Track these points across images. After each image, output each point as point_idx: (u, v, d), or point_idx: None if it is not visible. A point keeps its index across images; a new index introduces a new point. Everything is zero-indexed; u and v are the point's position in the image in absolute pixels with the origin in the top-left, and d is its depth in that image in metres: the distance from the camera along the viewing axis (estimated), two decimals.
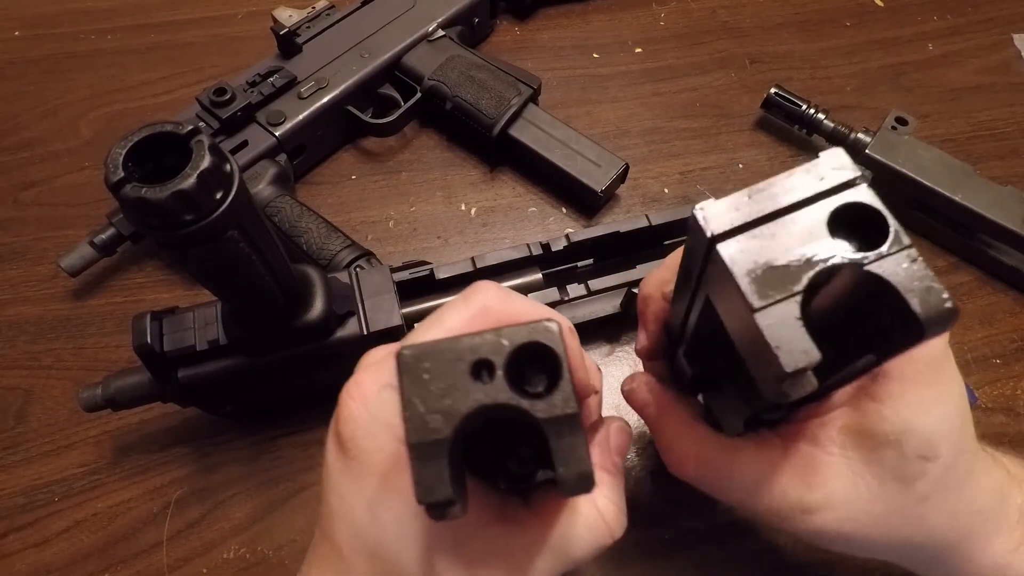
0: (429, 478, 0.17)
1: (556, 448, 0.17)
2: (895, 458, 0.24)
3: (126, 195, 0.24)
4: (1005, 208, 0.49)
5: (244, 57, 0.63)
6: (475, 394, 0.17)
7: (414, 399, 0.17)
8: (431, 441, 0.17)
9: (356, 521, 0.23)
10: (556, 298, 0.44)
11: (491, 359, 0.17)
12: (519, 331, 0.18)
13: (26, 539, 0.42)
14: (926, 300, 0.17)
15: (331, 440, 0.24)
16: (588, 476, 0.17)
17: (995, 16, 0.68)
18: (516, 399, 0.17)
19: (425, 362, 0.18)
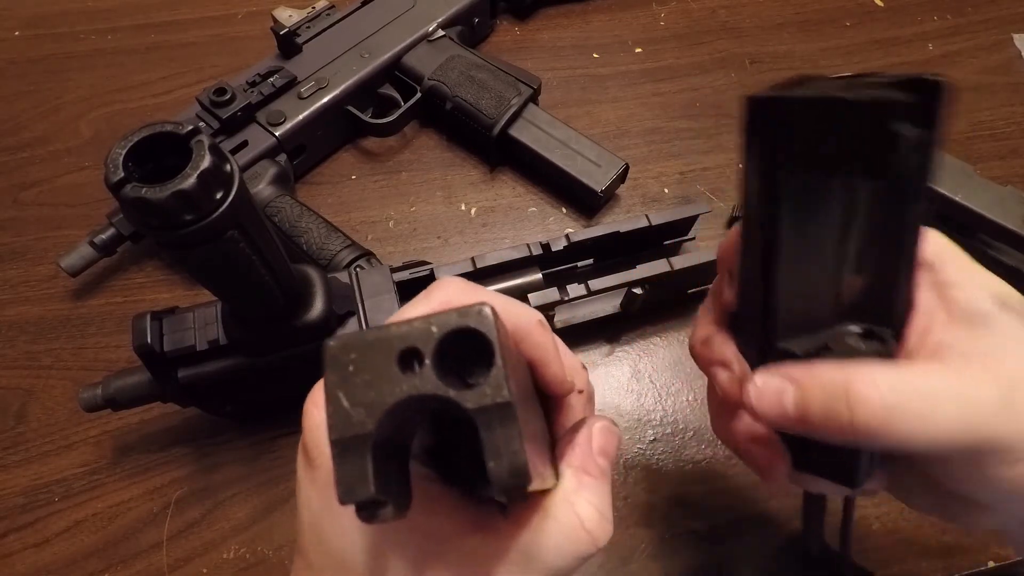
0: (350, 476, 0.16)
1: (486, 440, 0.16)
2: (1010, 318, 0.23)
3: (126, 195, 0.24)
4: (1005, 208, 0.49)
5: (244, 57, 0.63)
6: (401, 385, 0.16)
7: (338, 392, 0.16)
8: (352, 436, 0.16)
9: (322, 533, 0.23)
10: (556, 298, 0.44)
11: (419, 347, 0.16)
12: (449, 316, 0.16)
13: (26, 539, 0.42)
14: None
15: (299, 450, 0.24)
16: (521, 470, 0.16)
17: (995, 16, 0.68)
18: (443, 389, 0.16)
19: (352, 353, 0.17)
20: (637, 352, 0.49)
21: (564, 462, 0.25)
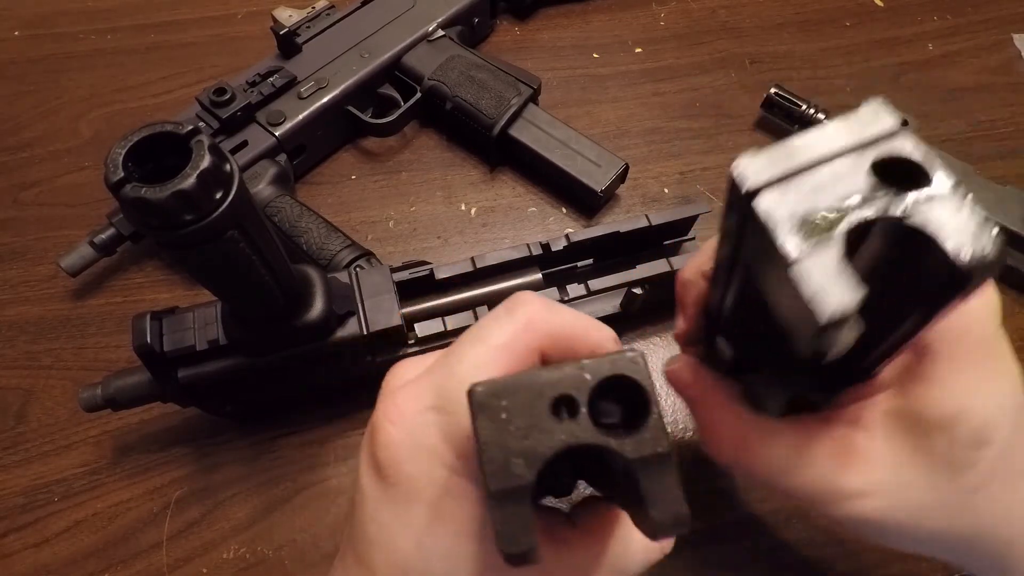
0: (513, 527, 0.16)
1: (648, 489, 0.16)
2: (945, 444, 0.22)
3: (126, 195, 0.24)
4: (1005, 208, 0.49)
5: (244, 57, 0.63)
6: (558, 434, 0.16)
7: (492, 442, 0.16)
8: (514, 488, 0.16)
9: (399, 551, 0.22)
10: (556, 298, 0.44)
11: (573, 395, 0.16)
12: (601, 364, 0.16)
13: (26, 539, 0.42)
14: (969, 245, 0.16)
15: (366, 465, 0.23)
16: (684, 517, 0.16)
17: (995, 16, 0.68)
18: (603, 439, 0.16)
19: (503, 400, 0.16)
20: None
21: None
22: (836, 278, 0.15)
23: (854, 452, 0.23)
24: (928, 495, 0.23)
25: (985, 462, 0.22)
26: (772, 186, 0.17)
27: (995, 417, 0.22)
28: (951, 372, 0.22)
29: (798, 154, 0.17)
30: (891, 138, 0.17)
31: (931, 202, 0.16)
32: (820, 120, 0.55)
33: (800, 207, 0.17)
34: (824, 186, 0.17)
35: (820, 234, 0.16)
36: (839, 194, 0.17)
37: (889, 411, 0.23)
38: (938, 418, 0.22)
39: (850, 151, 0.17)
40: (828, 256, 0.16)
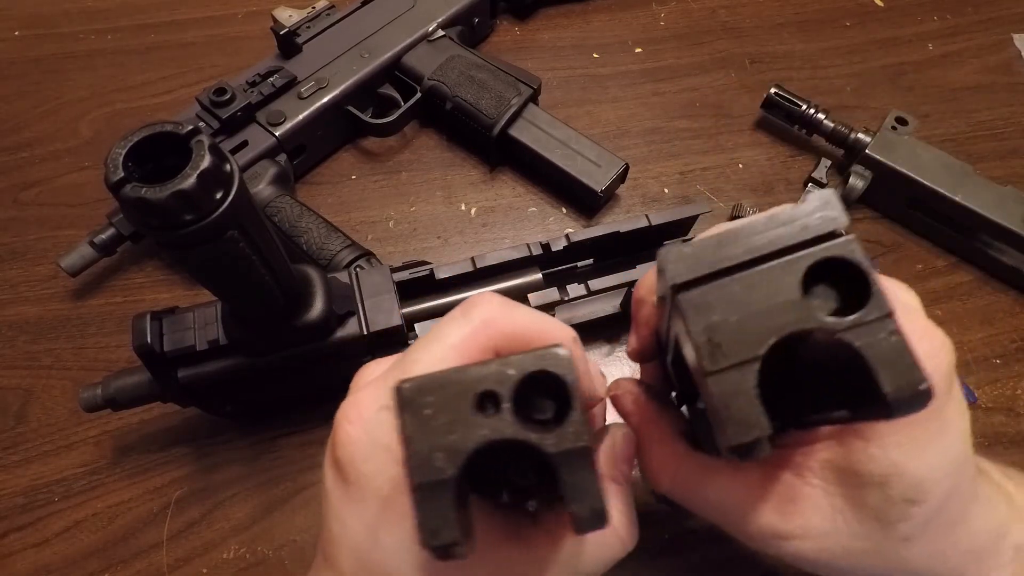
0: (434, 520, 0.16)
1: (567, 483, 0.16)
2: (878, 499, 0.23)
3: (126, 195, 0.24)
4: (1005, 208, 0.49)
5: (244, 57, 0.63)
6: (480, 429, 0.16)
7: (416, 437, 0.16)
8: (435, 481, 0.16)
9: (358, 547, 0.23)
10: (556, 298, 0.44)
11: (497, 390, 0.16)
12: (526, 359, 0.16)
13: (26, 539, 0.42)
14: (898, 379, 0.15)
15: (329, 464, 0.24)
16: (601, 513, 0.16)
17: (995, 16, 0.68)
18: (524, 433, 0.16)
19: (427, 396, 0.17)
20: None
21: None
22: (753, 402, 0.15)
23: (792, 500, 0.24)
24: (860, 542, 0.23)
25: (919, 516, 0.23)
26: (699, 284, 0.17)
27: (932, 475, 0.22)
28: (890, 431, 0.22)
29: (733, 247, 0.17)
30: (834, 238, 0.16)
31: (865, 326, 0.16)
32: (820, 120, 0.55)
33: (726, 312, 0.16)
34: (756, 290, 0.16)
35: (744, 345, 0.16)
36: (770, 300, 0.16)
37: (827, 461, 0.24)
38: (873, 474, 0.22)
39: (788, 251, 0.16)
40: (747, 376, 0.16)
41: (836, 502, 0.23)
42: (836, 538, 0.24)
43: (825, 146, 0.57)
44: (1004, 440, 0.46)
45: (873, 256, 0.53)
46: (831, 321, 0.16)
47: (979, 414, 0.46)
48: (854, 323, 0.16)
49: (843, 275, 0.16)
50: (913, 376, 0.15)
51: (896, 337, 0.15)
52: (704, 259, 0.17)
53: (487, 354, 0.22)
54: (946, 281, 0.53)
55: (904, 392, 0.15)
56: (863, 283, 0.16)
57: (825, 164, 0.56)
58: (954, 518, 0.24)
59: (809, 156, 0.59)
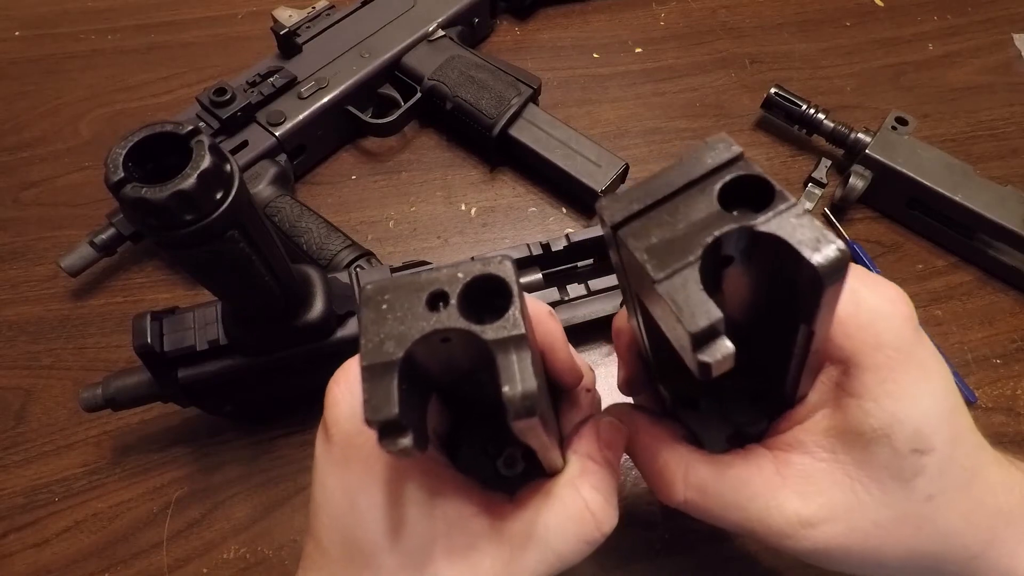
0: (377, 397, 0.17)
1: (502, 366, 0.17)
2: (888, 454, 0.22)
3: (126, 195, 0.24)
4: (1005, 208, 0.49)
5: (244, 57, 0.63)
6: (428, 320, 0.18)
7: (371, 327, 0.18)
8: (382, 363, 0.18)
9: (335, 509, 0.23)
10: (556, 298, 0.44)
11: (446, 290, 0.18)
12: (474, 265, 0.18)
13: (26, 539, 0.42)
14: (816, 248, 0.17)
15: (320, 430, 0.24)
16: (532, 394, 0.17)
17: (995, 16, 0.68)
18: (465, 324, 0.18)
19: (386, 294, 0.18)
20: None
21: (571, 451, 0.26)
22: (699, 292, 0.17)
23: (808, 478, 0.24)
24: (884, 511, 0.23)
25: (932, 467, 0.23)
26: (634, 219, 0.19)
27: (929, 420, 0.22)
28: (877, 382, 0.22)
29: (655, 189, 0.19)
30: (735, 164, 0.19)
31: (778, 216, 0.18)
32: (820, 120, 0.55)
33: (661, 235, 0.18)
34: (682, 214, 0.19)
35: (682, 255, 0.18)
36: (696, 218, 0.19)
37: (828, 430, 0.24)
38: (875, 429, 0.22)
39: (701, 179, 0.19)
40: (690, 273, 0.17)
41: (850, 470, 0.23)
42: (861, 512, 0.23)
43: (825, 146, 0.57)
44: (1004, 440, 0.46)
45: (873, 256, 0.53)
46: (750, 221, 0.18)
47: (979, 414, 0.46)
48: (768, 217, 0.18)
49: (750, 192, 0.19)
50: (829, 242, 0.17)
51: (804, 218, 0.18)
52: (634, 199, 0.19)
53: None
54: (946, 281, 0.53)
55: (824, 257, 0.17)
56: (768, 190, 0.18)
57: (825, 164, 0.56)
58: (968, 470, 0.24)
59: (809, 156, 0.59)
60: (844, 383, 0.23)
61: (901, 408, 0.22)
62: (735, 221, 0.18)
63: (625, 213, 0.19)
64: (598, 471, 0.25)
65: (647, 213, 0.19)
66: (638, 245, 0.18)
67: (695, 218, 0.19)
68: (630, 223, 0.19)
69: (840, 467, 0.23)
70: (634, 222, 0.19)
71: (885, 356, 0.22)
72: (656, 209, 0.19)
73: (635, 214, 0.19)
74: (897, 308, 0.23)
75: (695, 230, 0.18)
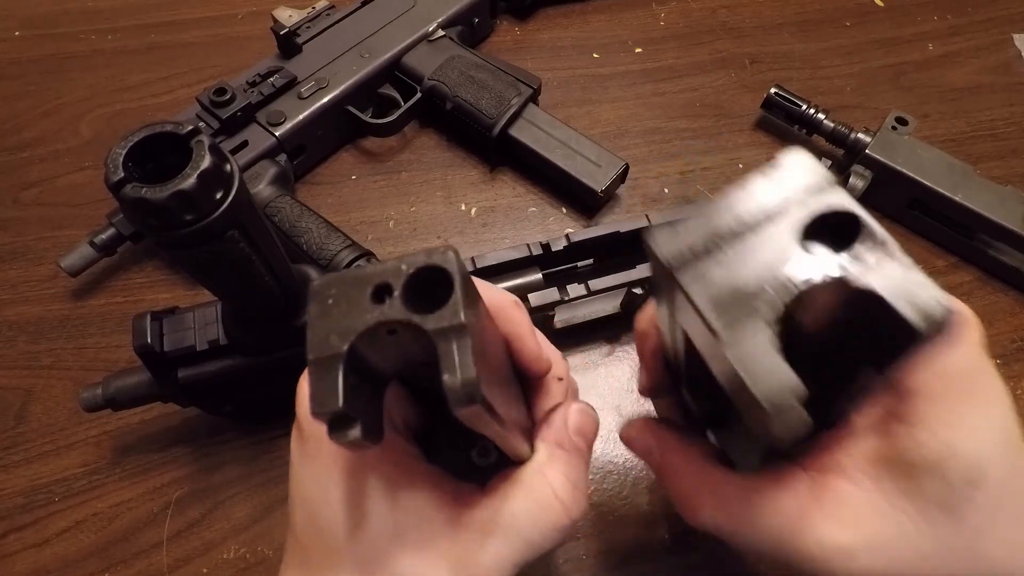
0: (323, 390, 0.17)
1: (443, 356, 0.17)
2: (939, 487, 0.21)
3: (126, 195, 0.24)
4: (1005, 208, 0.49)
5: (244, 57, 0.63)
6: (372, 313, 0.18)
7: (316, 322, 0.18)
8: (327, 356, 0.17)
9: (309, 503, 0.23)
10: (556, 298, 0.44)
11: (390, 282, 0.18)
12: (418, 256, 0.18)
13: (26, 539, 0.42)
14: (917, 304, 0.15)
15: (294, 429, 0.24)
16: (472, 382, 0.17)
17: (995, 16, 0.68)
18: (406, 315, 0.17)
19: (332, 289, 0.18)
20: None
21: (539, 438, 0.26)
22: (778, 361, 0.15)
23: (849, 507, 0.22)
24: (929, 543, 0.22)
25: (984, 499, 0.21)
26: (696, 260, 0.16)
27: (987, 453, 0.21)
28: (935, 411, 0.21)
29: (720, 220, 0.16)
30: (821, 192, 0.16)
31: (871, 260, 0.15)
32: (820, 120, 0.55)
33: (730, 282, 0.16)
34: (753, 256, 0.16)
35: (755, 311, 0.15)
36: (772, 263, 0.15)
37: (873, 457, 0.22)
38: (927, 460, 0.21)
39: (777, 212, 0.16)
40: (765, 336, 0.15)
41: (894, 499, 0.22)
42: (905, 542, 0.22)
43: (825, 146, 0.57)
44: None
45: None
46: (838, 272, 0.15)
47: None
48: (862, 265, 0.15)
49: (835, 227, 0.16)
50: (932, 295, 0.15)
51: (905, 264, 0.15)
52: (693, 232, 0.16)
53: None
54: (946, 281, 0.53)
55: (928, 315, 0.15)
56: (854, 226, 0.16)
57: (825, 164, 0.56)
58: (1020, 501, 0.22)
59: None
60: (896, 408, 0.22)
61: (959, 439, 0.21)
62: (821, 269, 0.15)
63: (685, 250, 0.16)
64: (566, 457, 0.25)
65: (712, 253, 0.16)
66: (701, 294, 0.15)
67: (770, 260, 0.15)
68: (691, 264, 0.16)
69: (884, 496, 0.22)
70: (696, 263, 0.16)
71: (948, 384, 0.21)
72: (723, 249, 0.16)
73: (697, 253, 0.16)
74: (969, 332, 0.21)
75: (770, 277, 0.15)
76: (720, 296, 0.16)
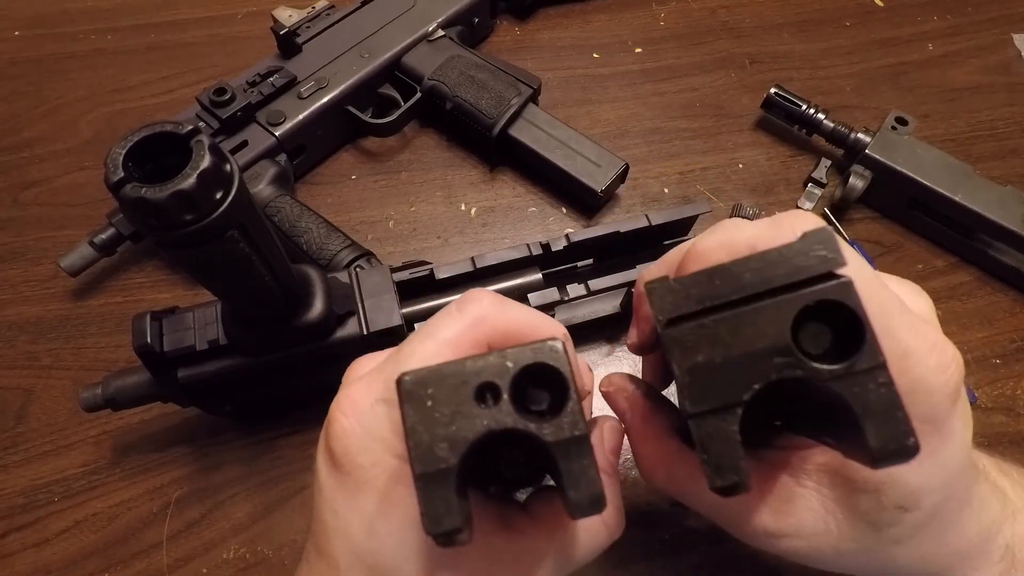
0: (437, 508, 0.16)
1: (566, 471, 0.16)
2: (870, 505, 0.23)
3: (126, 195, 0.24)
4: (1005, 208, 0.49)
5: (244, 57, 0.63)
6: (481, 419, 0.17)
7: (418, 427, 0.17)
8: (438, 471, 0.16)
9: (353, 537, 0.23)
10: (556, 298, 0.44)
11: (496, 382, 0.17)
12: (523, 352, 0.17)
13: (26, 539, 0.42)
14: (885, 433, 0.15)
15: (323, 456, 0.24)
16: (599, 498, 0.16)
17: (995, 16, 0.68)
18: (523, 423, 0.16)
19: (428, 388, 0.17)
20: None
21: None
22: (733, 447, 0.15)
23: (786, 500, 0.24)
24: (847, 544, 0.24)
25: (908, 522, 0.23)
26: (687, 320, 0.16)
27: (926, 483, 0.22)
28: None
29: (722, 285, 0.16)
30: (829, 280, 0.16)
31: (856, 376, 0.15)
32: (820, 120, 0.55)
33: (712, 352, 0.16)
34: (745, 330, 0.16)
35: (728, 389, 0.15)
36: (759, 342, 0.16)
37: (823, 465, 0.24)
38: (867, 482, 0.23)
39: (780, 291, 0.16)
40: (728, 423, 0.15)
41: (828, 504, 0.24)
42: (827, 538, 0.24)
43: (825, 146, 0.57)
44: (1004, 440, 0.46)
45: (873, 256, 0.53)
46: (821, 369, 0.15)
47: (979, 414, 0.46)
48: (844, 371, 0.15)
49: (836, 315, 0.16)
50: (899, 430, 0.15)
51: (886, 390, 0.15)
52: (693, 295, 0.17)
53: (480, 349, 0.22)
54: (946, 281, 0.53)
55: (890, 446, 0.15)
56: (856, 327, 0.15)
57: (825, 164, 0.56)
58: (946, 523, 0.24)
59: (809, 156, 0.59)
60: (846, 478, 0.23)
61: (902, 471, 0.21)
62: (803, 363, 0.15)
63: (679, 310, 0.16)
64: (607, 482, 0.26)
65: (706, 316, 0.16)
66: (683, 360, 0.16)
67: (757, 345, 0.16)
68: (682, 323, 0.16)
69: (819, 499, 0.24)
70: (687, 324, 0.16)
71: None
72: (717, 314, 0.16)
73: (692, 313, 0.16)
74: (946, 378, 0.21)
75: (751, 362, 0.16)
76: (699, 366, 0.16)
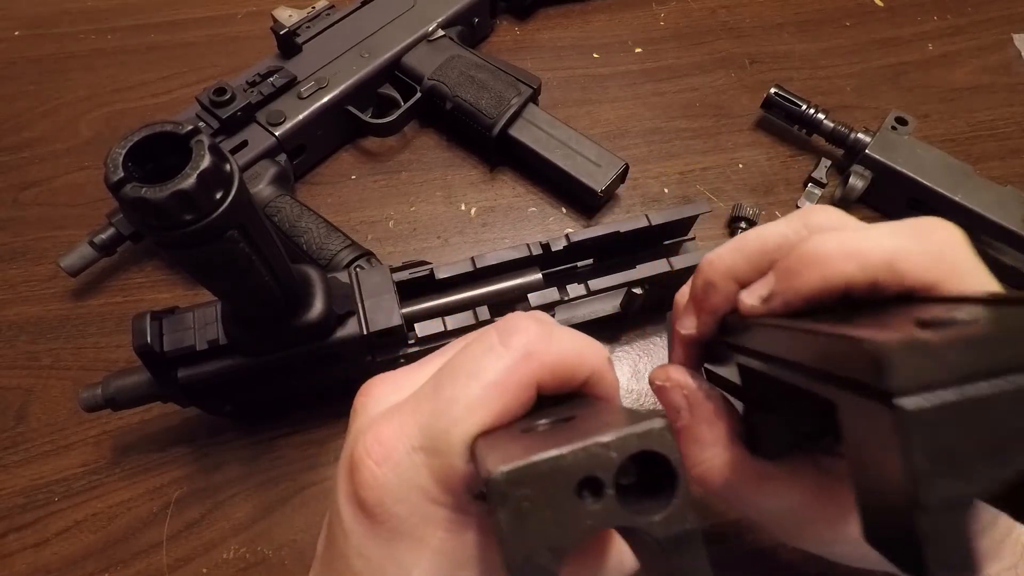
0: None
1: (676, 567, 0.16)
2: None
3: (126, 195, 0.24)
4: (1005, 208, 0.49)
5: (244, 57, 0.63)
6: (584, 520, 0.15)
7: (515, 535, 0.15)
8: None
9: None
10: (556, 298, 0.44)
11: (599, 476, 0.15)
12: (628, 440, 0.15)
13: (26, 539, 0.42)
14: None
15: (349, 502, 0.22)
16: None
17: (995, 16, 0.68)
18: (629, 519, 0.15)
19: (524, 489, 0.15)
20: (637, 352, 0.49)
21: None
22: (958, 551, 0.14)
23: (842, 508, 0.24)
24: None
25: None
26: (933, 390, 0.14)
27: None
28: None
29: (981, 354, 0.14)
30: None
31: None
32: (820, 120, 0.55)
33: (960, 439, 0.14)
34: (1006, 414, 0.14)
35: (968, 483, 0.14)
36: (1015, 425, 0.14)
37: None
38: None
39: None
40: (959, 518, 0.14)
41: None
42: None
43: (825, 146, 0.57)
44: None
45: None
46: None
47: None
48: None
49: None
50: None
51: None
52: (948, 362, 0.14)
53: (529, 390, 0.21)
54: None
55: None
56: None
57: (825, 164, 0.56)
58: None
59: (809, 156, 0.59)
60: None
61: None
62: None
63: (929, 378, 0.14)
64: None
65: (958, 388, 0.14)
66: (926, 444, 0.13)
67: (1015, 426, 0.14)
68: (925, 394, 0.14)
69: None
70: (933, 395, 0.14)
71: None
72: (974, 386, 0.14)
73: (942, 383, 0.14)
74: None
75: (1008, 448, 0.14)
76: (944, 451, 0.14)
